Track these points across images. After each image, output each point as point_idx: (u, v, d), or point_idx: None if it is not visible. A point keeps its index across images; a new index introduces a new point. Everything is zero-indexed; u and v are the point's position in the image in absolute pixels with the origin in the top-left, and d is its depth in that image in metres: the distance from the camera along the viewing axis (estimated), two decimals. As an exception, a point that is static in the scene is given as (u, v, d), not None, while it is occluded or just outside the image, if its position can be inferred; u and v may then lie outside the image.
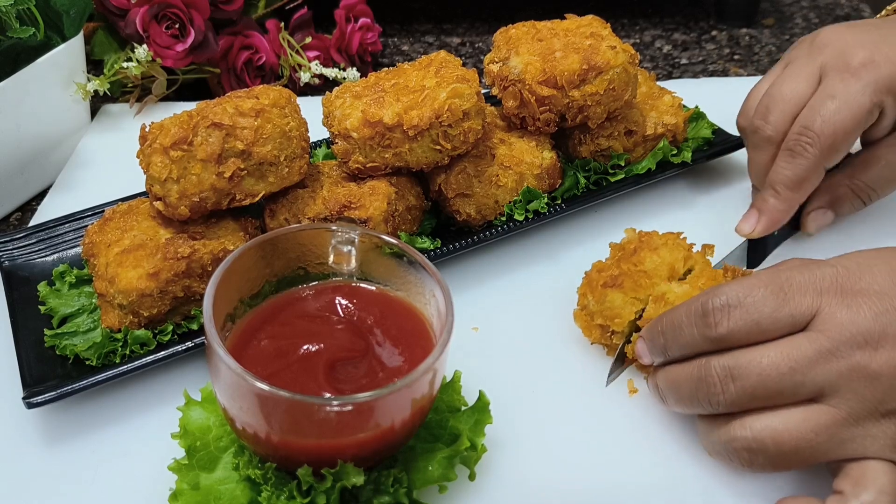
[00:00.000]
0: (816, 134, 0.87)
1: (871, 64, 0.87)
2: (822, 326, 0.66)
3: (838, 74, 0.88)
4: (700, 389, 0.70)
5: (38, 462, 0.81)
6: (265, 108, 0.89)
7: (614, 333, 0.87)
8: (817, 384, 0.65)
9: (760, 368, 0.66)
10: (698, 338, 0.71)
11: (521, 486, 0.78)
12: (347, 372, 0.72)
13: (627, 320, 0.85)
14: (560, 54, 0.99)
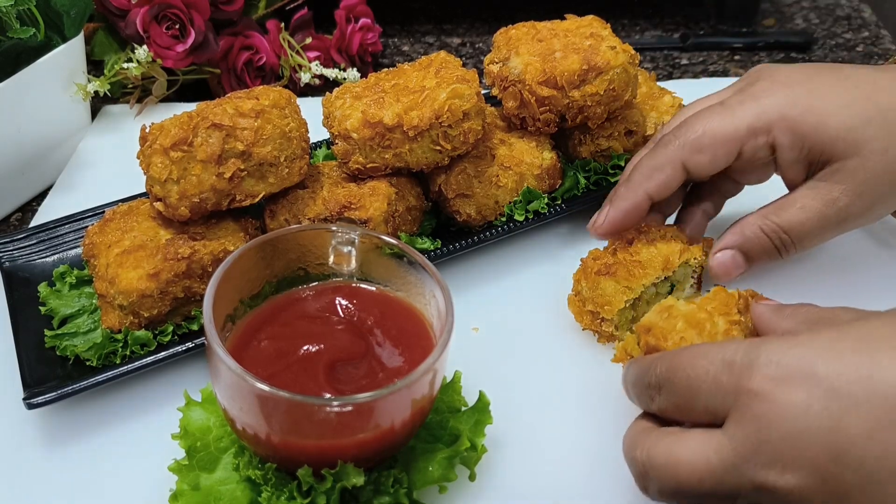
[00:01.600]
0: (685, 130, 0.84)
1: (775, 95, 0.81)
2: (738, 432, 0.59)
3: (742, 94, 0.84)
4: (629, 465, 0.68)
5: (39, 463, 0.82)
6: (265, 108, 0.89)
7: (604, 320, 0.88)
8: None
9: (674, 470, 0.61)
10: (645, 404, 0.69)
11: (522, 487, 0.78)
12: (347, 372, 0.72)
13: (617, 308, 0.85)
14: (560, 55, 0.99)
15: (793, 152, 0.81)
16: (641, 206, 0.87)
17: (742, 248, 0.83)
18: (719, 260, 0.84)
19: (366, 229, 0.85)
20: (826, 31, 1.59)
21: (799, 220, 0.81)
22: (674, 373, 0.62)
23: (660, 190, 0.86)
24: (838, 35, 1.58)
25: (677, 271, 0.88)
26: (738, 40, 1.54)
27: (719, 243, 0.85)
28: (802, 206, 0.81)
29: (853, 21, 1.62)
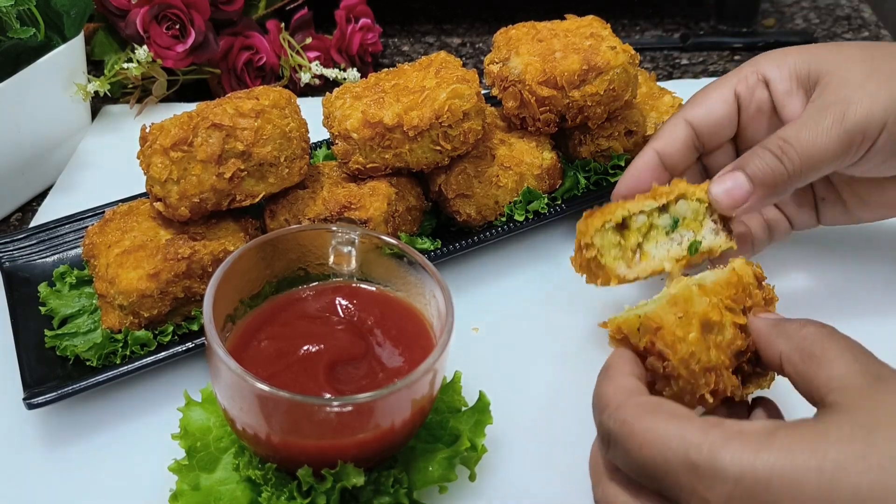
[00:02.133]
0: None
1: (763, 56, 0.86)
2: None
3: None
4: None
5: (39, 463, 0.82)
6: (265, 108, 0.89)
7: (587, 247, 0.80)
8: None
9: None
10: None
11: (522, 487, 0.78)
12: (347, 372, 0.72)
13: (593, 228, 0.79)
14: (560, 55, 0.99)
15: (784, 82, 0.83)
16: (651, 162, 0.84)
17: (743, 167, 0.77)
18: (719, 183, 0.77)
19: (366, 229, 0.85)
20: (826, 31, 1.59)
21: (795, 130, 0.76)
22: (636, 449, 0.57)
23: (666, 145, 0.84)
24: (838, 35, 1.58)
25: (677, 206, 0.80)
26: (739, 40, 1.54)
27: (720, 172, 0.79)
28: (799, 120, 0.78)
29: (853, 21, 1.62)
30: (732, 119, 0.85)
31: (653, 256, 0.80)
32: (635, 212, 0.79)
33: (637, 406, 0.59)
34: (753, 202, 0.76)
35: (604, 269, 0.79)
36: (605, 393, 0.62)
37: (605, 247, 0.79)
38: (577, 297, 0.98)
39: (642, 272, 0.79)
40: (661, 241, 0.80)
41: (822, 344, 0.60)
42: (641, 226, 0.80)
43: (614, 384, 0.63)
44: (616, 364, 0.66)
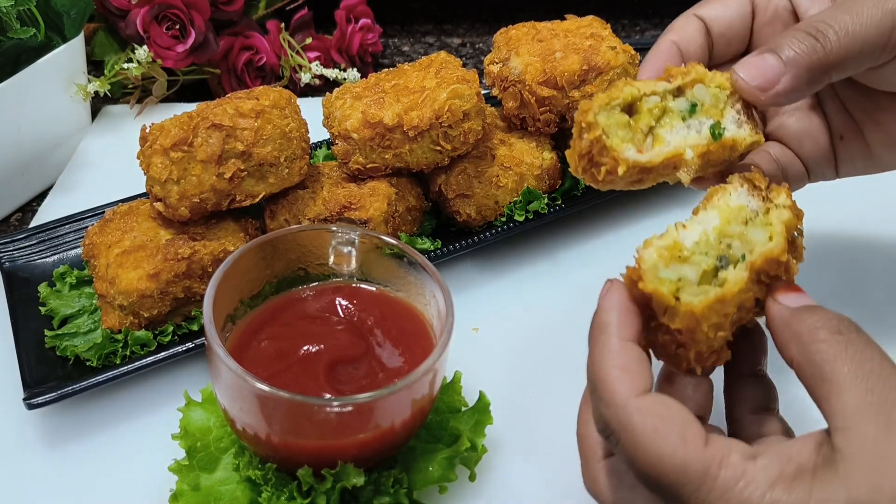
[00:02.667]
0: None
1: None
2: None
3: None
4: None
5: (39, 463, 0.82)
6: (265, 108, 0.89)
7: (587, 128, 0.65)
8: None
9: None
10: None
11: (522, 487, 0.78)
12: (348, 373, 0.72)
13: (597, 104, 0.65)
14: (560, 55, 0.99)
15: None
16: (669, 53, 0.74)
17: (774, 48, 0.66)
18: (746, 64, 0.67)
19: (366, 230, 0.85)
20: (826, 32, 1.59)
21: (831, 12, 0.67)
22: (640, 464, 0.56)
23: (681, 37, 0.75)
24: (838, 35, 1.57)
25: (694, 91, 0.68)
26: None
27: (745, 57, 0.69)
28: (833, 4, 0.69)
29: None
30: (746, 21, 0.76)
31: (668, 142, 0.67)
32: (647, 92, 0.67)
33: (642, 414, 0.56)
34: (786, 86, 0.65)
35: (609, 154, 0.64)
36: (606, 377, 0.58)
37: (611, 126, 0.66)
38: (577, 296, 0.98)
39: (656, 157, 0.65)
40: (677, 125, 0.68)
41: (835, 364, 0.54)
42: (653, 107, 0.67)
43: (616, 365, 0.58)
44: (615, 325, 0.60)
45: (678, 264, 0.60)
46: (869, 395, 0.52)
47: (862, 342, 0.55)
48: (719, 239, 0.61)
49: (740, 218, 0.62)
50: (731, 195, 0.64)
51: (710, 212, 0.63)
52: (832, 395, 0.53)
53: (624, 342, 0.59)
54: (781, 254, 0.59)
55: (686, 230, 0.62)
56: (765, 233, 0.60)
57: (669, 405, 0.56)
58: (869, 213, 1.06)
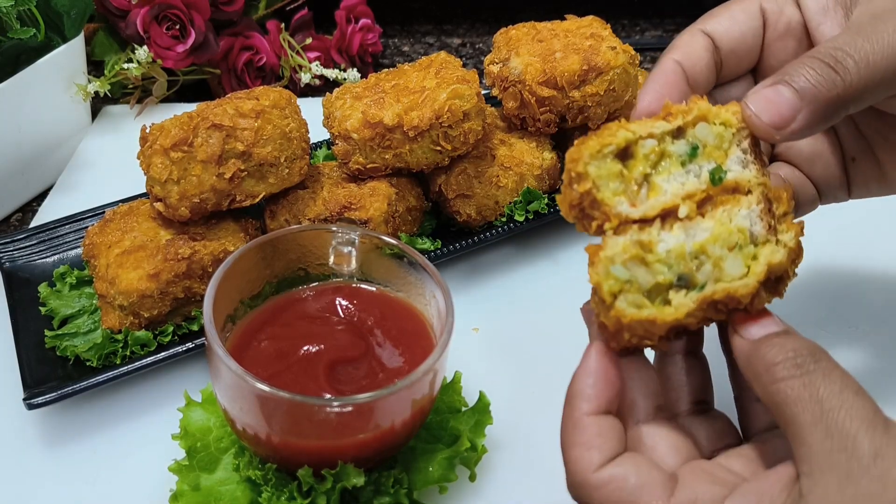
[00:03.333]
0: None
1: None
2: None
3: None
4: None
5: (39, 463, 0.82)
6: (265, 109, 0.89)
7: (578, 179, 0.61)
8: None
9: None
10: None
11: (522, 487, 0.78)
12: (348, 373, 0.72)
13: (587, 153, 0.60)
14: (560, 55, 0.99)
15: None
16: (673, 75, 0.67)
17: (787, 79, 0.60)
18: (758, 97, 0.60)
19: (366, 230, 0.85)
20: (826, 32, 1.59)
21: (850, 37, 0.61)
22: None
23: (686, 56, 0.68)
24: (838, 35, 1.57)
25: (696, 130, 0.62)
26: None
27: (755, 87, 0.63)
28: (851, 27, 0.63)
29: (853, 21, 1.62)
30: (757, 37, 0.70)
31: (664, 191, 0.61)
32: (643, 135, 0.61)
33: (599, 492, 0.56)
34: (802, 123, 0.60)
35: (600, 208, 0.60)
36: (568, 453, 0.58)
37: (603, 178, 0.61)
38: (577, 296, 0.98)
39: (650, 210, 0.60)
40: (676, 172, 0.62)
41: (794, 407, 0.52)
42: (650, 152, 0.62)
43: (577, 442, 0.58)
44: (583, 397, 0.59)
45: (637, 265, 0.58)
46: (828, 441, 0.51)
47: (820, 376, 0.53)
48: (695, 255, 0.58)
49: (731, 241, 0.58)
50: (740, 211, 0.58)
51: (707, 222, 0.58)
52: (795, 438, 0.52)
53: (588, 417, 0.58)
54: (745, 297, 0.56)
55: (670, 232, 0.58)
56: (743, 268, 0.57)
57: (626, 475, 0.55)
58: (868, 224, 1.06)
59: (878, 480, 0.49)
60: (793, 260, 0.58)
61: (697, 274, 0.57)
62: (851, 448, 0.50)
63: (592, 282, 0.58)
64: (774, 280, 0.57)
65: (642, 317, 0.56)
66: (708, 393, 0.65)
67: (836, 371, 0.53)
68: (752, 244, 0.58)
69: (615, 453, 0.57)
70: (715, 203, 0.59)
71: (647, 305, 0.57)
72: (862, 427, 0.50)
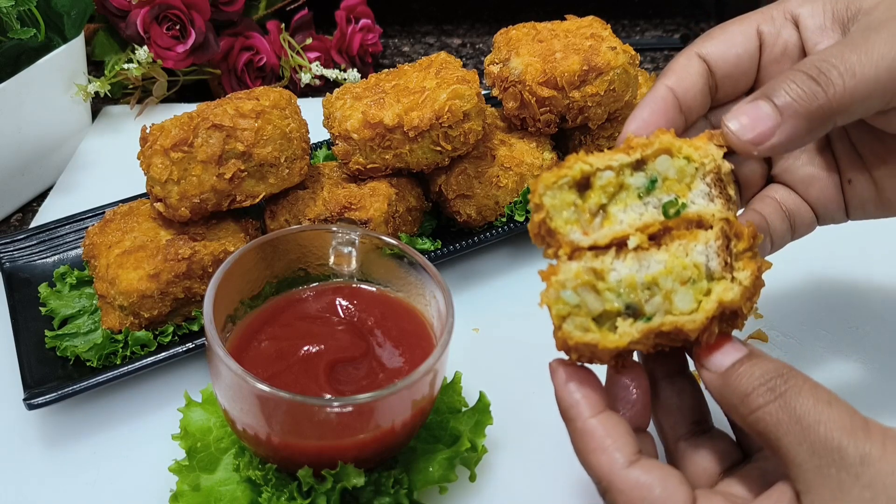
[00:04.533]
0: None
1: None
2: None
3: None
4: None
5: (39, 463, 0.81)
6: (266, 109, 0.89)
7: (535, 207, 0.64)
8: None
9: None
10: None
11: (522, 488, 0.78)
12: (348, 373, 0.72)
13: (542, 184, 0.62)
14: (560, 55, 0.99)
15: (816, 16, 0.68)
16: (664, 101, 0.67)
17: (768, 94, 0.60)
18: (737, 115, 0.60)
19: (366, 230, 0.85)
20: (826, 32, 1.59)
21: (838, 49, 0.60)
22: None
23: (679, 81, 0.67)
24: (838, 35, 1.57)
25: (656, 163, 0.63)
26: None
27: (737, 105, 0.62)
28: (842, 41, 0.62)
29: (853, 21, 1.62)
30: (753, 59, 0.69)
31: (620, 221, 0.62)
32: (600, 167, 0.62)
33: (624, 496, 0.57)
34: (781, 139, 0.59)
35: (554, 235, 0.63)
36: (587, 461, 0.59)
37: (556, 208, 0.63)
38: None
39: (601, 239, 0.61)
40: (633, 203, 0.63)
41: (777, 433, 0.53)
42: (607, 184, 0.63)
43: (592, 449, 0.58)
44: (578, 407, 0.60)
45: (588, 291, 0.60)
46: (815, 458, 0.52)
47: (793, 394, 0.53)
48: (647, 286, 0.59)
49: (684, 276, 0.58)
50: (697, 246, 0.59)
51: (662, 254, 0.59)
52: (785, 460, 0.53)
53: (590, 421, 0.59)
54: (693, 331, 0.57)
55: (624, 262, 0.59)
56: (693, 303, 0.57)
57: (651, 483, 0.56)
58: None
59: (869, 488, 0.50)
60: (748, 298, 0.58)
61: (646, 305, 0.59)
62: (839, 460, 0.51)
63: (542, 304, 0.60)
64: (730, 314, 0.58)
65: (585, 340, 0.58)
66: (704, 412, 0.65)
67: (806, 385, 0.54)
68: (706, 279, 0.58)
69: (634, 449, 0.57)
70: (672, 236, 0.60)
71: (593, 330, 0.59)
72: (844, 436, 0.51)
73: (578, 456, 0.59)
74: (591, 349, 0.58)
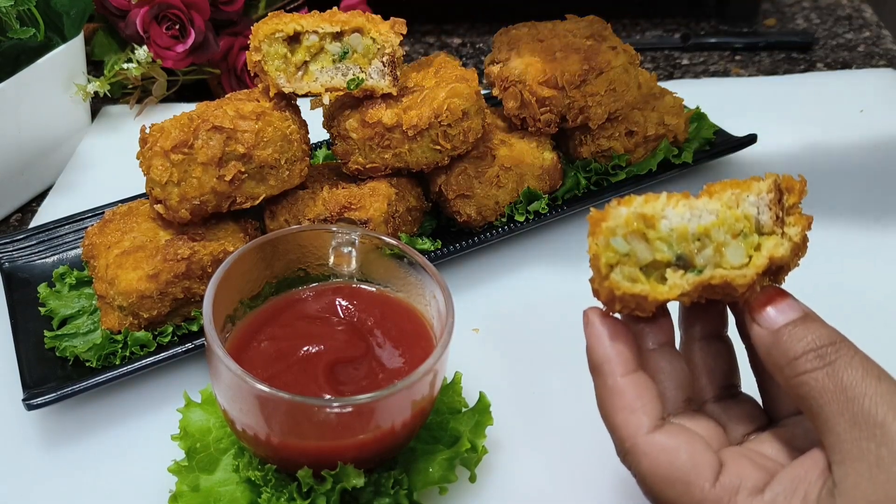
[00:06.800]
0: None
1: None
2: None
3: None
4: None
5: (38, 464, 0.81)
6: (266, 110, 0.89)
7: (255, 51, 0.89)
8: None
9: None
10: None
11: (522, 488, 0.78)
12: (348, 373, 0.72)
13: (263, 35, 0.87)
14: (561, 55, 0.99)
15: None
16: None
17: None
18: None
19: (366, 230, 0.85)
20: (827, 32, 1.59)
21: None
22: (647, 493, 0.57)
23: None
24: (839, 35, 1.57)
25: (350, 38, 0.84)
26: (739, 40, 1.54)
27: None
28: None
29: (854, 21, 1.62)
30: None
31: (316, 79, 0.88)
32: (308, 29, 0.85)
33: (648, 459, 0.56)
34: None
35: (266, 76, 0.88)
36: (613, 422, 0.58)
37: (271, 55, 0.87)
38: (578, 297, 0.98)
39: (299, 89, 0.88)
40: (327, 67, 0.88)
41: (820, 400, 0.53)
42: (312, 46, 0.87)
43: (619, 407, 0.58)
44: (609, 364, 0.59)
45: (638, 240, 0.57)
46: (855, 430, 0.51)
47: (842, 364, 0.53)
48: (697, 237, 0.57)
49: (735, 228, 0.57)
50: (748, 198, 0.58)
51: (714, 204, 0.57)
52: (823, 428, 0.53)
53: (622, 379, 0.58)
54: (742, 286, 0.56)
55: (675, 210, 0.57)
56: (744, 258, 0.57)
57: (677, 448, 0.56)
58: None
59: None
60: (796, 254, 0.58)
61: (697, 256, 0.57)
62: (880, 436, 0.50)
63: (591, 252, 0.57)
64: (775, 269, 0.57)
65: (635, 291, 0.57)
66: (735, 376, 0.65)
67: (857, 357, 0.53)
68: (756, 233, 0.57)
69: (660, 414, 0.57)
70: (724, 185, 0.58)
71: (642, 281, 0.57)
72: (889, 413, 0.51)
73: (603, 413, 0.59)
74: (639, 300, 0.57)
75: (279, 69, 0.87)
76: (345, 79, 0.89)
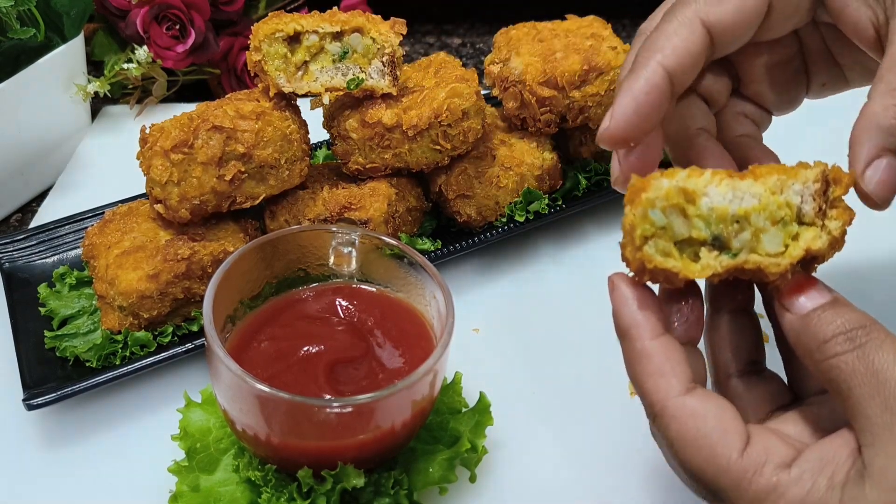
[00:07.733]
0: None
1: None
2: None
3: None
4: None
5: (38, 464, 0.81)
6: (266, 110, 0.89)
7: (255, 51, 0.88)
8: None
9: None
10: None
11: (522, 488, 0.78)
12: (348, 373, 0.72)
13: (263, 34, 0.87)
14: (561, 55, 0.99)
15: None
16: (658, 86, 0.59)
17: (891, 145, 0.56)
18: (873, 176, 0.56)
19: (366, 230, 0.85)
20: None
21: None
22: (674, 458, 0.57)
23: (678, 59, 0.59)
24: (839, 35, 1.57)
25: (351, 38, 0.82)
26: (739, 40, 1.53)
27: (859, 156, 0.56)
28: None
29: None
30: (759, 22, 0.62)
31: (316, 79, 0.88)
32: (309, 29, 0.85)
33: (677, 423, 0.55)
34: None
35: (266, 76, 0.88)
36: (642, 386, 0.57)
37: (271, 55, 0.86)
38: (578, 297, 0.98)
39: (299, 89, 0.88)
40: (327, 67, 0.88)
41: (850, 383, 0.52)
42: (312, 46, 0.86)
43: (648, 373, 0.57)
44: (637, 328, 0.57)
45: (676, 214, 0.56)
46: (887, 413, 0.51)
47: (873, 347, 0.52)
48: (736, 219, 0.55)
49: (776, 215, 0.55)
50: (793, 186, 0.56)
51: (758, 187, 0.55)
52: (853, 411, 0.52)
53: (650, 343, 0.57)
54: (774, 275, 0.56)
55: (718, 188, 0.55)
56: (780, 246, 0.56)
57: (706, 414, 0.55)
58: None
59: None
60: (832, 247, 0.57)
61: (734, 239, 0.56)
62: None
63: (627, 222, 0.56)
64: (809, 259, 0.57)
65: (667, 266, 0.56)
66: (760, 353, 0.64)
67: (889, 340, 0.53)
68: (796, 222, 0.56)
69: (690, 378, 0.56)
70: (771, 169, 0.56)
71: (675, 257, 0.56)
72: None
73: (632, 378, 0.58)
74: (669, 275, 0.56)
75: (279, 69, 0.88)
76: (345, 79, 0.89)
